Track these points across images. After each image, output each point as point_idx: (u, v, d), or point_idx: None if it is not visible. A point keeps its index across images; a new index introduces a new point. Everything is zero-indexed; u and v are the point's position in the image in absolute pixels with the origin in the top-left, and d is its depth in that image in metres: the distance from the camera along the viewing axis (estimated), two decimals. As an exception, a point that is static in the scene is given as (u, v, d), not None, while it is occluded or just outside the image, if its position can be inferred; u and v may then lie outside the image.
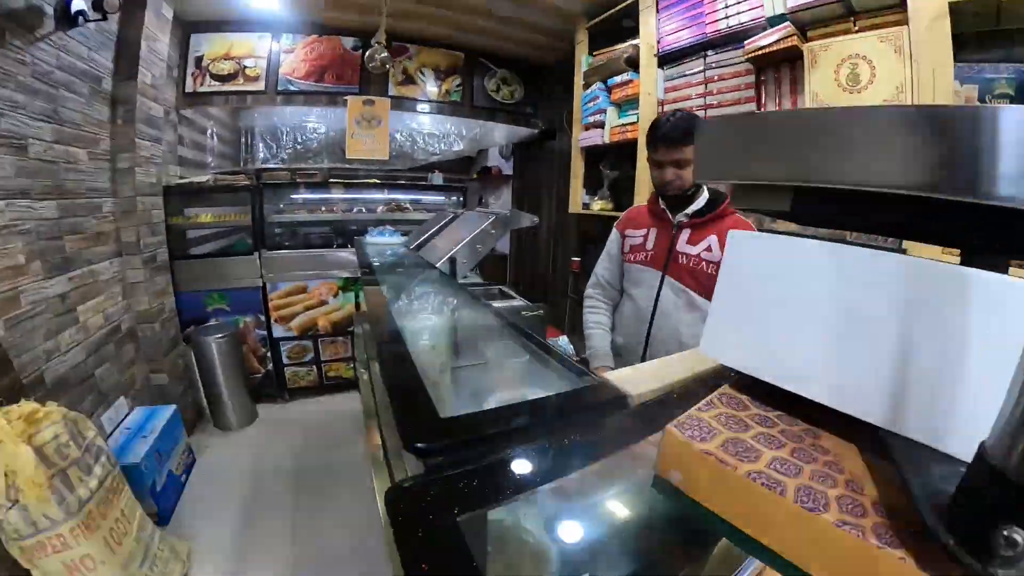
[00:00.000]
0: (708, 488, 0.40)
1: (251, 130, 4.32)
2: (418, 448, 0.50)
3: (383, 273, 1.87)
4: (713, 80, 2.41)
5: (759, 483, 0.37)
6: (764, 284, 0.51)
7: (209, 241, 3.66)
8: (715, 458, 0.40)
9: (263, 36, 3.75)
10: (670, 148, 1.55)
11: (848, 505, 0.36)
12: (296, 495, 2.61)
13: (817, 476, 0.39)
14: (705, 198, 1.62)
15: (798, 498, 0.36)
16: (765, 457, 0.40)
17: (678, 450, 0.42)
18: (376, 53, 3.24)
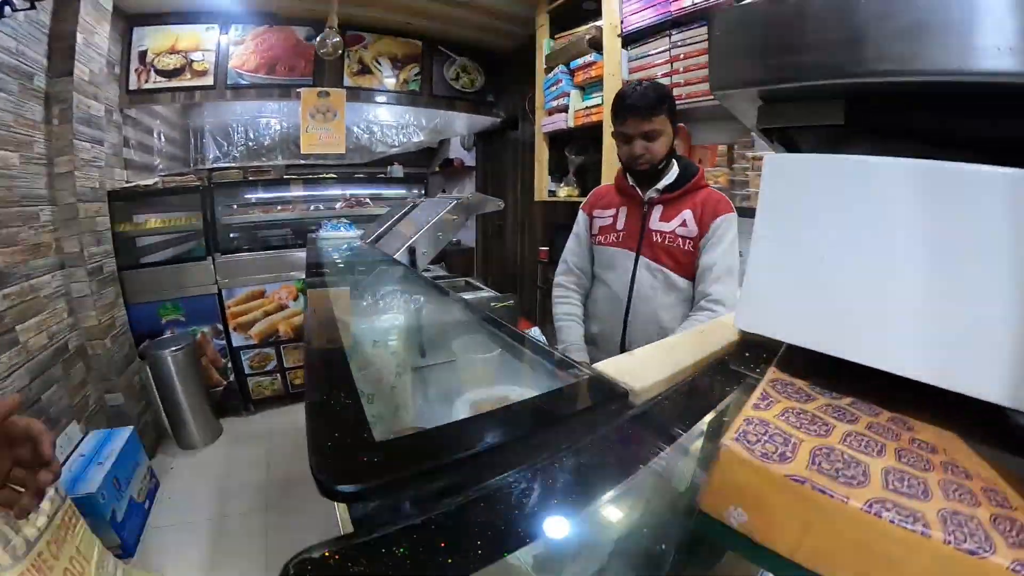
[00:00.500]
0: (799, 533, 0.26)
1: (201, 128, 4.03)
2: (339, 492, 0.34)
3: (334, 271, 1.69)
4: (679, 59, 2.32)
5: (887, 519, 0.23)
6: (825, 226, 0.38)
7: (160, 248, 3.39)
8: (811, 486, 0.25)
9: (211, 28, 3.46)
10: (639, 119, 1.42)
11: (1008, 529, 0.24)
12: (266, 513, 2.42)
13: (950, 491, 0.26)
14: (675, 172, 1.50)
15: (947, 534, 0.23)
16: (875, 473, 0.27)
17: (746, 477, 0.28)
18: (328, 38, 3.02)
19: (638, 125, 1.42)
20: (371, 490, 0.35)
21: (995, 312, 0.31)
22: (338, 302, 1.32)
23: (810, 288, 0.38)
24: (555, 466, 0.38)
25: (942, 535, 0.23)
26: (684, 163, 1.52)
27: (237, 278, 3.37)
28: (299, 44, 3.70)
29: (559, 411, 0.49)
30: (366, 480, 0.35)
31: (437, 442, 0.44)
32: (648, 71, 2.46)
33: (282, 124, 4.09)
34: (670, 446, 0.42)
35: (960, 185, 0.32)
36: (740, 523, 0.28)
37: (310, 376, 0.60)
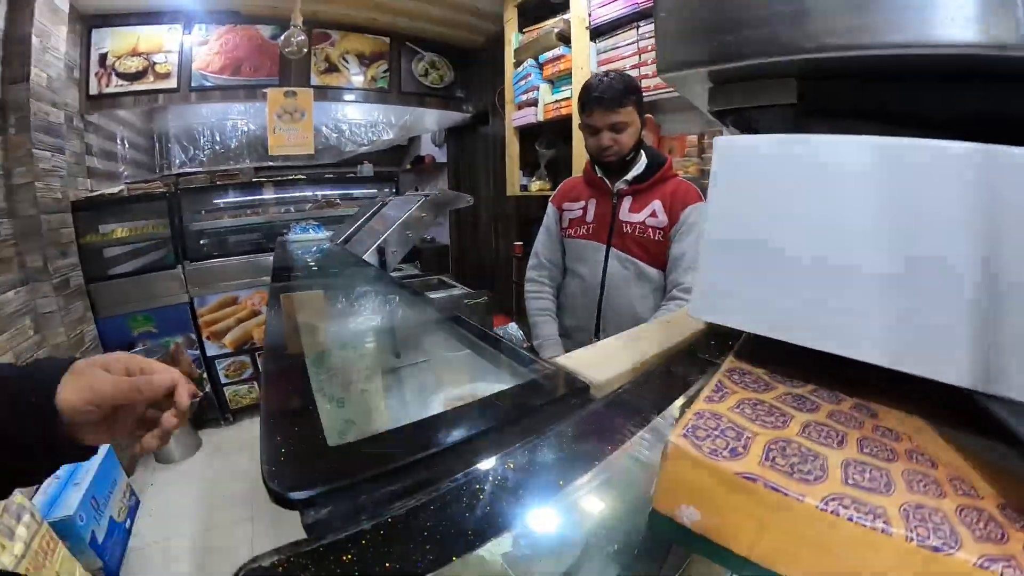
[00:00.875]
0: (754, 532, 0.24)
1: (165, 133, 3.87)
2: (290, 500, 0.32)
3: (301, 274, 1.65)
4: (647, 50, 2.32)
5: (845, 516, 0.22)
6: (778, 209, 0.36)
7: (128, 258, 3.25)
8: (763, 484, 0.24)
9: (173, 28, 3.33)
10: (605, 111, 1.41)
11: (975, 521, 0.23)
12: (253, 524, 2.35)
13: (914, 482, 0.25)
14: (644, 162, 1.50)
15: (909, 530, 0.21)
16: (834, 466, 0.25)
17: (694, 475, 0.26)
18: (293, 36, 2.94)
19: (605, 117, 1.42)
20: (323, 496, 0.33)
21: (955, 293, 0.29)
22: (303, 307, 1.28)
23: (765, 273, 0.36)
24: (506, 466, 0.36)
25: (904, 532, 0.21)
26: (652, 154, 1.52)
27: (208, 285, 3.27)
28: (264, 43, 3.59)
29: (516, 408, 0.47)
30: (317, 486, 0.34)
31: (391, 445, 0.42)
32: (617, 63, 2.46)
33: (249, 126, 3.97)
34: (630, 439, 0.41)
35: (916, 162, 0.30)
36: (693, 522, 0.26)
37: (266, 384, 0.57)
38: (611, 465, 0.39)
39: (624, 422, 0.43)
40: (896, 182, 0.31)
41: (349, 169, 4.30)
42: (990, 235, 0.28)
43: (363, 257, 1.70)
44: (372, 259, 1.70)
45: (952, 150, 0.29)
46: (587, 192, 1.59)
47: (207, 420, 3.31)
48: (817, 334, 0.34)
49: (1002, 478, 0.26)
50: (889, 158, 0.31)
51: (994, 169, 0.28)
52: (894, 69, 0.35)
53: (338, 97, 3.93)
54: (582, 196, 1.60)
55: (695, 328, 0.60)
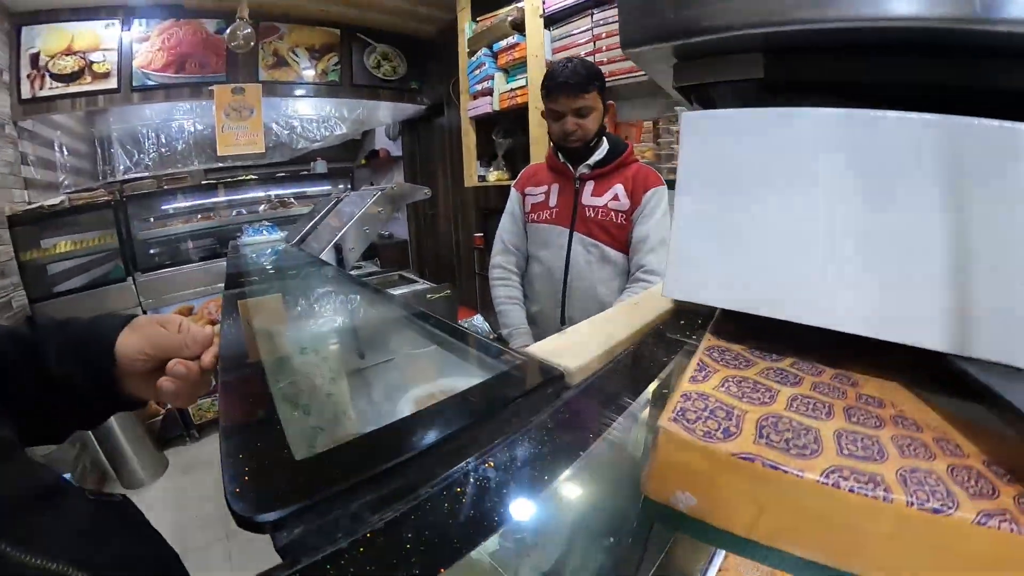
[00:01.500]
0: (754, 512, 0.24)
1: (107, 137, 3.66)
2: (259, 523, 0.30)
3: (255, 279, 1.58)
4: (602, 37, 2.33)
5: (846, 488, 0.21)
6: (749, 183, 0.36)
7: (75, 274, 3.08)
8: (761, 463, 0.23)
9: (110, 24, 3.13)
10: (570, 96, 1.42)
11: (966, 479, 0.23)
12: (228, 542, 2.26)
13: (904, 447, 0.25)
14: (606, 148, 1.51)
15: (910, 495, 0.21)
16: (827, 438, 0.25)
17: (689, 459, 0.25)
18: (239, 30, 2.81)
19: (569, 102, 1.43)
20: (294, 515, 0.30)
21: (927, 259, 0.30)
22: (259, 312, 1.22)
23: (738, 249, 0.36)
24: (486, 465, 0.34)
25: (904, 497, 0.21)
26: (613, 140, 1.54)
27: (162, 296, 3.14)
28: (209, 38, 3.44)
29: (491, 403, 0.45)
30: (287, 505, 0.31)
31: (362, 452, 0.40)
32: (571, 50, 2.46)
33: (196, 126, 3.81)
34: (612, 424, 0.40)
35: (884, 132, 0.31)
36: (689, 507, 0.25)
37: (223, 397, 0.53)
38: (592, 453, 0.38)
39: (602, 409, 0.42)
40: (865, 152, 0.31)
41: (302, 167, 4.20)
42: (957, 201, 0.29)
43: (320, 256, 1.65)
44: (329, 258, 1.65)
45: (919, 121, 0.30)
46: (550, 177, 1.60)
47: (171, 439, 3.17)
48: (795, 307, 0.34)
49: (983, 436, 0.26)
50: (858, 128, 0.31)
51: (958, 138, 0.29)
52: (857, 43, 0.35)
53: (288, 92, 3.80)
54: (545, 181, 1.60)
55: (663, 309, 0.60)
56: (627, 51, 0.42)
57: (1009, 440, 0.26)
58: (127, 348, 0.55)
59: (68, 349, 0.54)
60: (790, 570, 0.24)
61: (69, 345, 0.55)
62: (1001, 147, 0.27)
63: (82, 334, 0.56)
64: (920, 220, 0.30)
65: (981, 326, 0.29)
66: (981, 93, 0.32)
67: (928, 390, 0.31)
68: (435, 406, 0.45)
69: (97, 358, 0.55)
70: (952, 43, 0.32)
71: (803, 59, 0.38)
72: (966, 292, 0.29)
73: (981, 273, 0.28)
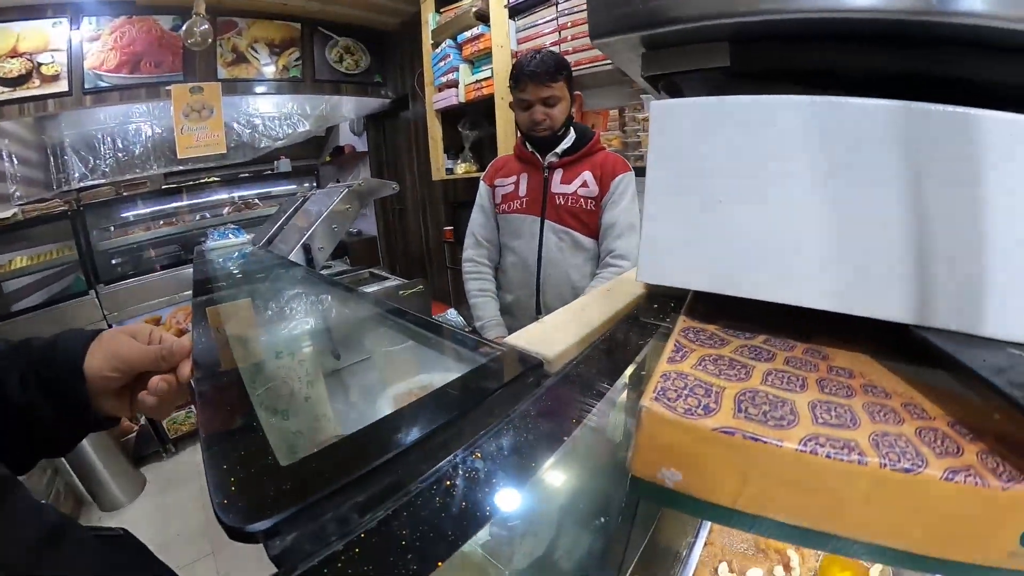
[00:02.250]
0: (737, 483, 0.25)
1: (60, 144, 3.44)
2: (251, 533, 0.29)
3: (223, 284, 1.54)
4: (567, 27, 2.33)
5: (823, 455, 0.22)
6: (718, 168, 0.37)
7: (33, 290, 2.95)
8: (741, 435, 0.24)
9: (58, 23, 2.95)
10: (538, 85, 1.45)
11: (933, 440, 0.25)
12: (216, 557, 2.21)
13: (875, 413, 0.26)
14: (572, 136, 1.54)
15: (882, 457, 0.23)
16: (802, 409, 0.26)
17: (672, 437, 0.26)
18: (195, 26, 2.71)
19: (538, 91, 1.45)
20: (286, 522, 0.30)
21: (888, 237, 0.31)
22: (230, 318, 1.20)
23: (709, 232, 0.37)
24: (473, 457, 0.34)
25: (878, 459, 0.23)
26: (580, 129, 1.56)
27: (127, 308, 3.02)
28: (164, 35, 3.29)
29: (473, 395, 0.45)
30: (277, 512, 0.30)
31: (348, 453, 0.39)
32: (536, 41, 2.45)
33: (154, 128, 3.63)
34: (594, 409, 0.41)
35: (846, 117, 0.32)
36: (675, 482, 0.26)
37: (201, 408, 0.52)
38: (575, 438, 0.39)
39: (582, 395, 0.43)
40: (828, 136, 0.33)
41: (265, 166, 4.09)
42: (915, 181, 0.30)
43: (288, 257, 1.62)
44: (298, 258, 1.62)
45: (878, 106, 0.31)
46: (518, 167, 1.61)
47: (147, 455, 3.07)
48: (765, 286, 0.35)
49: (947, 399, 0.28)
50: (821, 114, 0.33)
51: (916, 122, 0.30)
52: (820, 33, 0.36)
53: (248, 90, 3.68)
54: (513, 171, 1.62)
55: (636, 293, 0.61)
56: (596, 41, 0.43)
57: (970, 402, 0.28)
58: (96, 367, 0.52)
59: (30, 374, 0.50)
60: (775, 536, 0.25)
61: (31, 369, 0.51)
62: (956, 130, 0.29)
63: (45, 356, 0.52)
64: (881, 200, 0.31)
65: (940, 298, 0.30)
66: (938, 80, 0.33)
67: (894, 359, 0.33)
68: (419, 401, 0.45)
69: (64, 381, 0.51)
70: (910, 33, 0.33)
71: (768, 48, 0.39)
72: (925, 267, 0.30)
73: (938, 249, 0.30)
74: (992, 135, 0.28)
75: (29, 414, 0.50)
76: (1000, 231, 0.29)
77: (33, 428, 0.51)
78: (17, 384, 0.50)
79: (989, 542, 0.23)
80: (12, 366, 0.51)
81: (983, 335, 0.29)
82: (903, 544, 0.24)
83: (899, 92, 0.31)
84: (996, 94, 0.33)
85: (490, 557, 0.43)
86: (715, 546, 0.73)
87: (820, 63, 0.37)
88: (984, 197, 0.29)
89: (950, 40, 0.33)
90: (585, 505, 0.51)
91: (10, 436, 0.49)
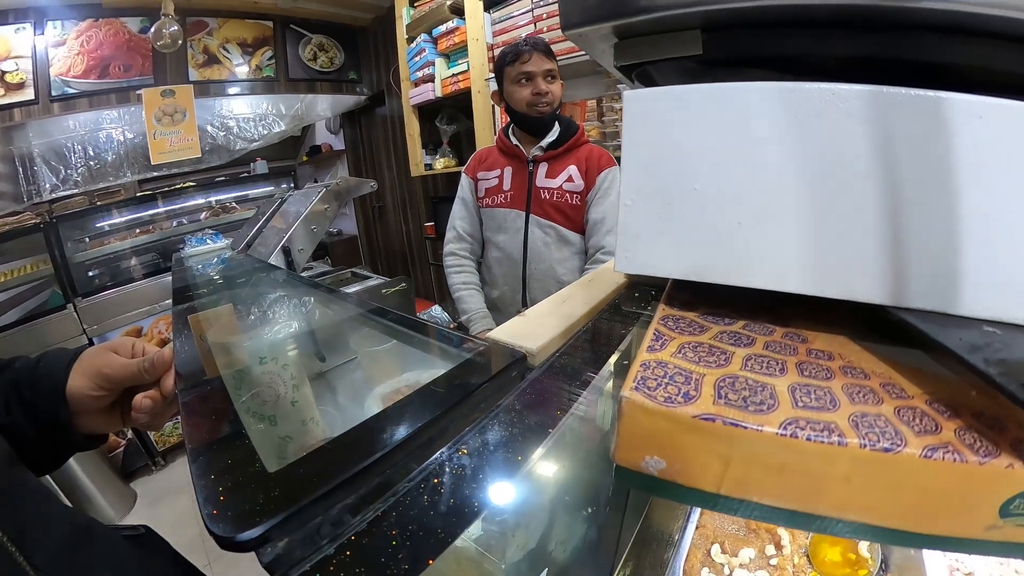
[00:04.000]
0: (720, 469, 0.25)
1: (29, 154, 3.32)
2: (241, 542, 0.29)
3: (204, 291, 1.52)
4: (542, 18, 2.33)
5: (803, 437, 0.23)
6: (691, 157, 0.37)
7: (8, 307, 2.86)
8: (722, 422, 0.24)
9: (21, 28, 2.86)
10: (543, 56, 1.45)
11: (912, 419, 0.25)
12: (211, 568, 2.17)
13: (854, 394, 0.27)
14: (557, 129, 1.53)
15: (862, 438, 0.23)
16: (782, 393, 0.26)
17: (653, 425, 0.26)
18: (164, 27, 2.64)
19: (541, 62, 1.45)
20: (276, 529, 0.30)
21: (863, 220, 0.32)
22: (212, 325, 1.18)
23: (684, 220, 0.37)
24: (460, 453, 0.34)
25: (857, 440, 0.23)
26: (565, 122, 1.55)
27: (107, 320, 2.96)
28: (132, 38, 3.21)
29: (458, 391, 0.45)
30: (267, 520, 0.30)
31: (335, 456, 0.39)
32: (512, 33, 2.44)
33: (126, 134, 3.54)
34: (578, 400, 0.41)
35: (819, 102, 0.32)
36: (659, 470, 0.27)
37: (186, 418, 0.51)
38: (562, 430, 0.39)
39: (567, 386, 0.43)
40: (801, 121, 0.33)
41: (242, 169, 4.04)
42: (888, 165, 0.31)
43: (268, 261, 1.59)
44: (278, 261, 1.60)
45: (850, 91, 0.31)
46: (502, 161, 1.59)
47: (136, 469, 3.03)
48: (743, 272, 0.36)
49: (924, 378, 0.28)
50: (794, 99, 0.33)
51: (889, 106, 0.31)
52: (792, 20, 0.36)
53: (221, 91, 3.62)
54: (497, 165, 1.60)
55: (617, 283, 0.61)
56: (568, 32, 0.42)
57: (947, 380, 0.28)
58: (79, 387, 0.52)
59: (13, 398, 0.51)
60: (760, 518, 0.26)
61: (14, 391, 0.51)
62: (928, 113, 0.29)
63: (28, 377, 0.52)
64: (854, 183, 0.32)
65: (915, 278, 0.31)
66: (910, 65, 0.34)
67: (872, 340, 0.33)
68: (403, 400, 0.44)
69: (46, 404, 0.51)
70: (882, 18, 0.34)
71: (741, 35, 0.39)
72: (900, 248, 0.31)
73: (912, 231, 0.30)
74: (962, 116, 0.29)
75: (12, 436, 0.49)
76: (971, 210, 0.29)
77: (16, 449, 0.50)
78: (1, 405, 0.50)
79: (968, 516, 0.24)
80: None
81: (959, 314, 0.30)
82: (884, 521, 0.24)
83: (872, 78, 0.32)
84: (969, 78, 0.33)
85: (484, 551, 0.43)
86: (707, 528, 0.74)
87: (793, 49, 0.37)
88: (955, 178, 0.29)
89: (922, 25, 0.33)
90: (576, 495, 0.52)
91: None
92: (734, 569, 0.69)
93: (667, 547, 0.71)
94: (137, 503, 2.82)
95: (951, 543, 0.25)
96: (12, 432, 0.50)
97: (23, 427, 0.50)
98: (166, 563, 0.52)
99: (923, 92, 0.30)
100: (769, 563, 0.70)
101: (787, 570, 0.69)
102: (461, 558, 0.43)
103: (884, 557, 0.68)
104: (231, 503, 0.33)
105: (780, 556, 0.70)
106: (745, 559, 0.70)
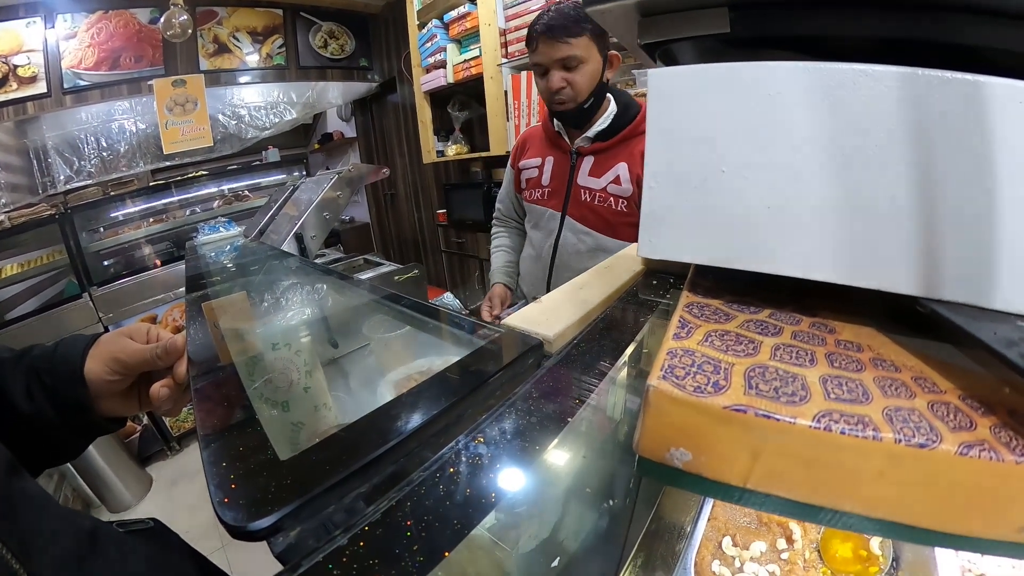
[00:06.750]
0: (748, 462, 0.24)
1: (43, 147, 3.38)
2: (253, 531, 0.29)
3: (217, 278, 1.52)
4: (556, 1, 2.29)
5: (837, 431, 0.22)
6: (718, 139, 0.35)
7: (26, 297, 2.92)
8: (754, 413, 0.23)
9: (32, 22, 2.88)
10: (553, 42, 1.15)
11: (946, 414, 0.24)
12: (226, 550, 2.20)
13: (888, 388, 0.26)
14: (612, 113, 1.24)
15: (897, 432, 0.22)
16: (813, 384, 0.25)
17: (681, 416, 0.25)
18: (174, 17, 2.63)
19: (551, 50, 1.16)
20: (288, 518, 0.29)
21: (896, 208, 0.30)
22: (225, 312, 1.18)
23: (711, 204, 0.36)
24: (476, 441, 0.34)
25: (892, 435, 0.22)
26: (624, 101, 1.26)
27: (122, 308, 2.99)
28: (143, 29, 3.22)
29: (473, 378, 0.45)
30: (279, 509, 0.29)
31: (348, 444, 0.39)
32: (524, 17, 2.41)
33: (138, 125, 3.57)
34: (595, 389, 0.40)
35: (851, 84, 0.31)
36: (684, 463, 0.26)
37: (198, 404, 0.51)
38: (578, 419, 0.38)
39: (584, 375, 0.42)
40: (833, 104, 0.32)
41: (253, 157, 4.04)
42: (923, 150, 0.29)
43: (281, 248, 1.60)
44: (291, 248, 1.60)
45: (886, 72, 0.30)
46: (544, 149, 1.40)
47: (152, 454, 3.08)
48: (770, 259, 0.34)
49: (956, 373, 0.27)
50: (825, 81, 0.32)
51: (923, 89, 0.29)
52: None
53: (232, 80, 3.62)
54: (538, 153, 1.41)
55: (634, 270, 0.60)
56: (590, 9, 0.41)
57: (980, 375, 0.27)
58: (96, 371, 0.53)
59: (35, 384, 0.51)
60: (785, 514, 0.25)
61: (35, 377, 0.52)
62: (964, 97, 0.28)
63: (47, 363, 0.53)
64: (888, 169, 0.30)
65: (949, 269, 0.30)
66: (945, 47, 0.32)
67: (900, 332, 0.32)
68: (418, 387, 0.44)
69: (66, 388, 0.52)
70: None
71: (769, 13, 0.38)
72: (934, 238, 0.30)
73: (947, 220, 0.29)
74: (1000, 102, 0.28)
75: (37, 422, 0.50)
76: (1009, 201, 0.28)
77: (41, 436, 0.52)
78: (23, 392, 0.51)
79: (1000, 517, 0.23)
80: (16, 374, 0.51)
81: (993, 308, 0.29)
82: (914, 519, 0.24)
83: (900, 61, 0.30)
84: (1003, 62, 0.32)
85: (497, 540, 0.43)
86: (719, 520, 0.73)
87: (823, 27, 0.36)
88: (993, 165, 0.28)
89: (956, 7, 0.31)
90: (590, 485, 0.51)
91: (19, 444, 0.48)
92: (745, 562, 0.68)
93: (679, 539, 0.70)
94: (153, 487, 2.87)
95: (978, 544, 0.24)
96: (37, 419, 0.50)
97: (47, 412, 0.51)
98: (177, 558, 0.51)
99: (960, 75, 0.28)
100: (780, 557, 0.69)
101: (798, 564, 0.68)
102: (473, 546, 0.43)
103: (896, 554, 0.67)
104: (243, 491, 0.32)
105: (791, 550, 0.70)
106: (756, 552, 0.70)
